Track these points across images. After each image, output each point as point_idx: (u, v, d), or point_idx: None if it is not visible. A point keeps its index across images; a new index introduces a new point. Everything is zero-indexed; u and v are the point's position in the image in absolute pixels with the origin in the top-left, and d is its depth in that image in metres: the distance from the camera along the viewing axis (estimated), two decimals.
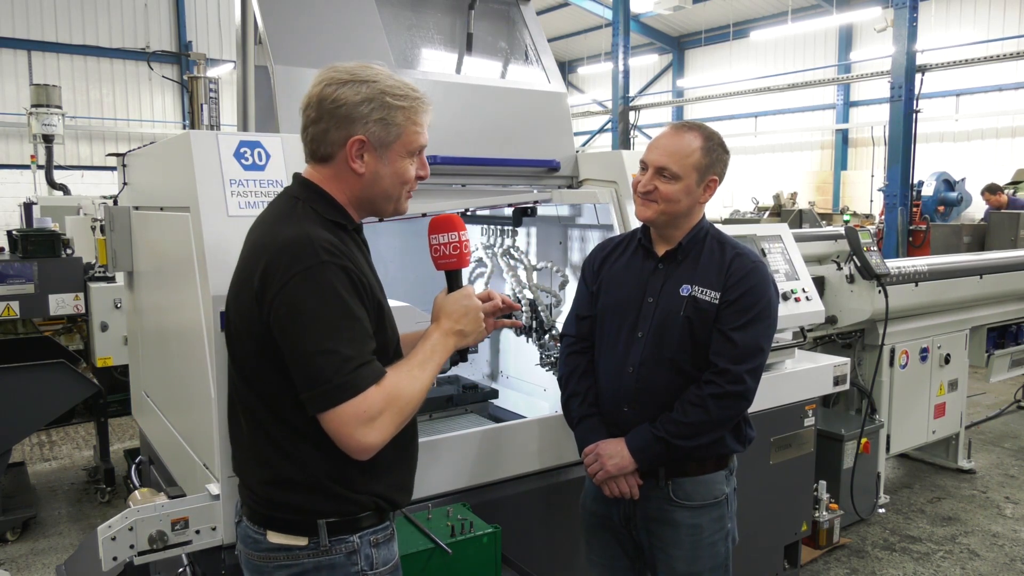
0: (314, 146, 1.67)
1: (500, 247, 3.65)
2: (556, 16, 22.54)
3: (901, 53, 9.75)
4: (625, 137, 16.63)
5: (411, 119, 1.66)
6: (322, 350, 1.49)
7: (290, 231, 1.56)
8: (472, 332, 1.76)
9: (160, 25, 21.49)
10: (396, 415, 1.56)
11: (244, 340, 1.62)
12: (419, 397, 1.62)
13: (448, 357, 1.73)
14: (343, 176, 1.66)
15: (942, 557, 4.21)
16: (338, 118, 1.61)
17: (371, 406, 1.51)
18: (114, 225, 3.14)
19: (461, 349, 1.78)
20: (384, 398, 1.53)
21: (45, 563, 4.18)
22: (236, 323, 1.64)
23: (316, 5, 2.94)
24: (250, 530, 1.69)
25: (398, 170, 1.68)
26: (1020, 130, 16.25)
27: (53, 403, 4.43)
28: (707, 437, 2.16)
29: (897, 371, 4.67)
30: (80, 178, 17.45)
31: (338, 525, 1.64)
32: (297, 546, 1.63)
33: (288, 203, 1.66)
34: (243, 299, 1.60)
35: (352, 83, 1.62)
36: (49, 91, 11.06)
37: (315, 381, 1.50)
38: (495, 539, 2.24)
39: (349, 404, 1.49)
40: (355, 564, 1.65)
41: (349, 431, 1.51)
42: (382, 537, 1.71)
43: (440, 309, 1.77)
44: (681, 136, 2.20)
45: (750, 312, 2.16)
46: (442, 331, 1.72)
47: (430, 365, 1.66)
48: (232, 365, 1.69)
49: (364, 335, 1.55)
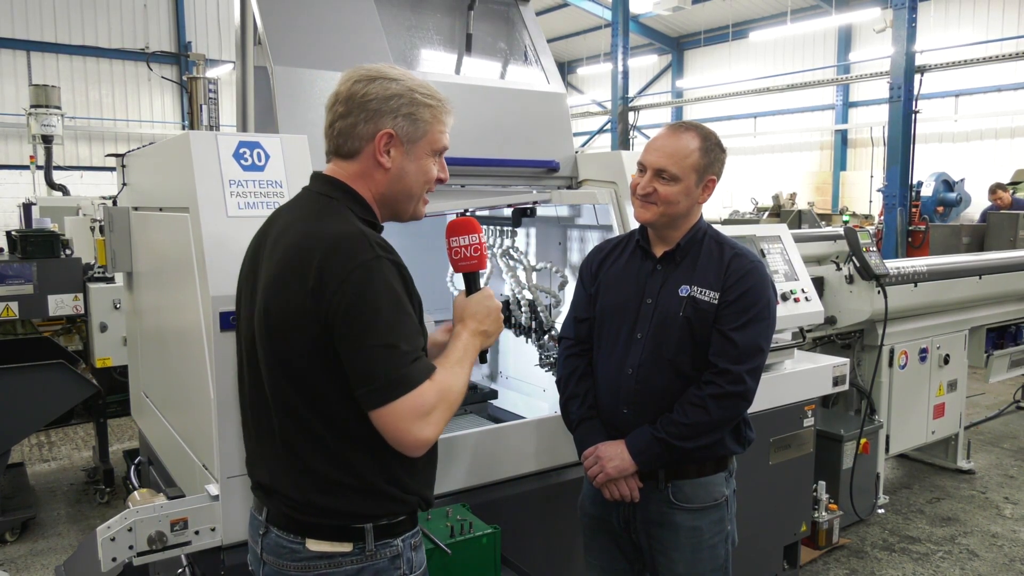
0: (340, 140, 1.66)
1: (499, 247, 3.65)
2: (555, 17, 22.53)
3: (900, 54, 9.76)
4: (624, 138, 16.64)
5: (437, 118, 1.69)
6: (382, 344, 1.49)
7: (340, 227, 1.56)
8: (495, 332, 1.78)
9: (159, 26, 21.48)
10: (447, 410, 1.56)
11: (292, 339, 1.55)
12: (463, 393, 1.63)
13: (474, 362, 1.74)
14: (369, 172, 1.66)
15: (941, 558, 4.21)
16: (368, 112, 1.62)
17: (426, 400, 1.51)
18: (113, 226, 3.14)
19: (483, 349, 1.80)
20: (437, 392, 1.53)
21: (44, 564, 4.18)
22: (280, 321, 1.57)
23: (315, 6, 2.94)
24: (283, 540, 1.62)
25: (423, 167, 1.69)
26: (1019, 130, 16.26)
27: (52, 404, 4.43)
28: (707, 438, 2.15)
29: (896, 371, 4.67)
30: (79, 179, 17.46)
31: (383, 529, 1.62)
32: (340, 553, 1.59)
33: (322, 201, 1.64)
34: (291, 296, 1.54)
35: (381, 80, 1.64)
36: (48, 91, 11.06)
37: (373, 376, 1.49)
38: (494, 540, 2.24)
39: (406, 398, 1.49)
40: (398, 568, 1.64)
41: (406, 426, 1.49)
42: (417, 541, 1.71)
43: (463, 310, 1.77)
44: (679, 137, 2.19)
45: (749, 312, 2.16)
46: (470, 331, 1.73)
47: (466, 363, 1.68)
48: (271, 367, 1.60)
49: (416, 330, 1.56)
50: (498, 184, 3.27)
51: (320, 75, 2.78)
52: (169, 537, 2.01)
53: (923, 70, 10.22)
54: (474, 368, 1.74)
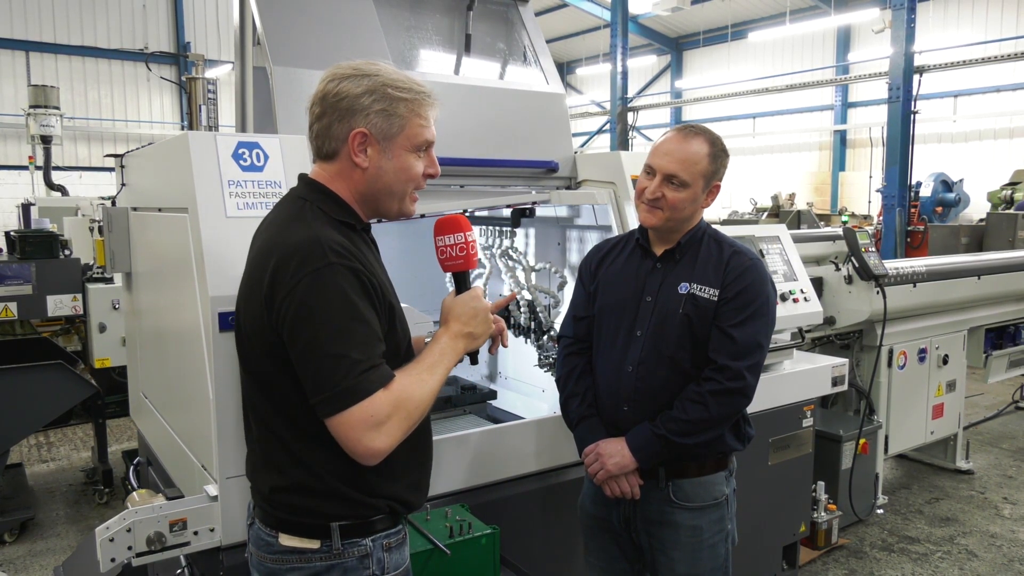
0: (319, 143, 1.66)
1: (499, 248, 3.65)
2: (554, 17, 22.54)
3: (899, 54, 9.77)
4: (624, 138, 16.66)
5: (415, 111, 1.64)
6: (330, 354, 1.47)
7: (299, 233, 1.55)
8: (482, 334, 1.74)
9: (158, 26, 21.48)
10: (404, 420, 1.53)
11: (256, 344, 1.60)
12: (428, 401, 1.60)
13: (458, 361, 1.70)
14: (347, 172, 1.65)
15: (940, 558, 4.21)
16: (340, 111, 1.61)
17: (378, 411, 1.49)
18: (112, 226, 3.14)
19: (471, 352, 1.76)
20: (392, 402, 1.51)
21: (43, 564, 4.17)
22: (247, 327, 1.62)
23: (314, 6, 2.94)
24: (262, 532, 1.67)
25: (403, 165, 1.65)
26: (1018, 131, 16.27)
27: (51, 404, 4.43)
28: (707, 434, 2.16)
29: (895, 372, 4.67)
30: (78, 179, 17.48)
31: (351, 528, 1.63)
32: (309, 549, 1.62)
33: (295, 204, 1.65)
34: (253, 303, 1.59)
35: (354, 77, 1.62)
36: (47, 92, 11.07)
37: (322, 386, 1.48)
38: (494, 540, 2.24)
39: (356, 408, 1.47)
40: (367, 568, 1.64)
41: (357, 436, 1.48)
42: (394, 541, 1.70)
43: (448, 312, 1.73)
44: (689, 142, 2.18)
45: (748, 308, 2.16)
46: (451, 334, 1.70)
47: (439, 369, 1.63)
48: (244, 370, 1.68)
49: (373, 338, 1.53)
50: (497, 184, 3.27)
51: (319, 76, 2.74)
52: (168, 538, 2.01)
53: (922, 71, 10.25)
54: (473, 368, 1.74)
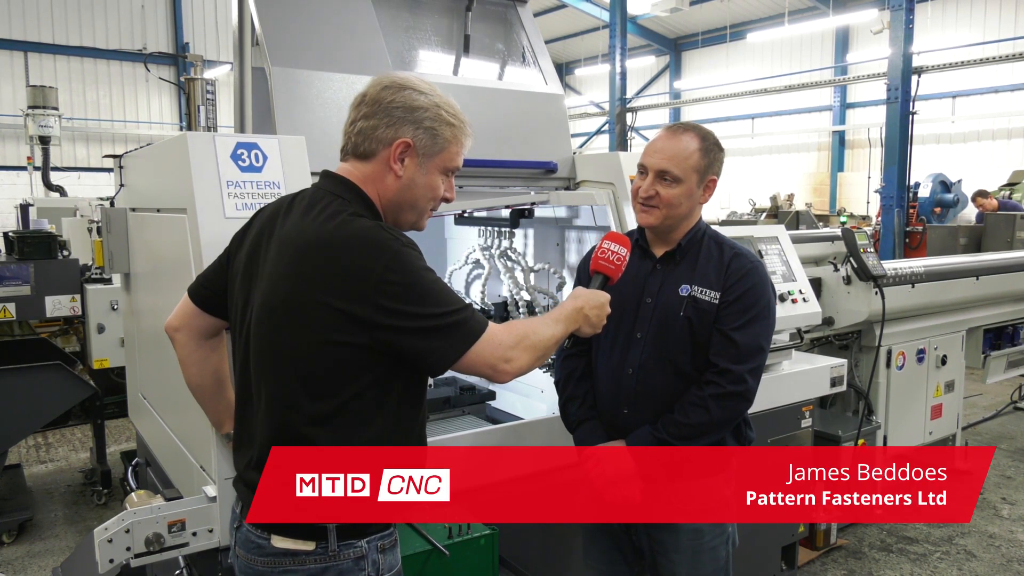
0: (359, 139, 1.69)
1: (497, 248, 3.65)
2: (553, 18, 22.55)
3: (897, 55, 9.77)
4: (622, 139, 16.66)
5: (456, 138, 1.73)
6: (442, 311, 1.57)
7: (357, 225, 1.59)
8: (595, 325, 1.87)
9: (157, 26, 21.46)
10: (528, 349, 1.66)
11: (300, 335, 1.58)
12: (547, 340, 1.73)
13: (568, 333, 1.81)
14: (380, 176, 1.69)
15: (939, 558, 4.21)
16: (392, 118, 1.66)
17: (504, 339, 1.63)
18: (111, 227, 3.14)
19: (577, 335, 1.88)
20: (514, 333, 1.66)
21: (41, 565, 4.17)
22: (282, 316, 1.59)
23: (313, 7, 2.94)
24: (252, 535, 1.65)
25: (432, 183, 1.73)
26: (1016, 132, 16.30)
27: (50, 405, 4.42)
28: (708, 438, 2.15)
29: (894, 372, 4.67)
30: (77, 179, 17.43)
31: (348, 530, 1.62)
32: (304, 551, 1.61)
33: (333, 201, 1.65)
34: (307, 293, 1.56)
35: (410, 91, 1.68)
36: (46, 92, 11.06)
37: (447, 334, 1.57)
38: (492, 541, 2.24)
39: (483, 340, 1.60)
40: (363, 570, 1.64)
41: (492, 362, 1.61)
42: (388, 542, 1.70)
43: (582, 294, 1.88)
44: (678, 138, 2.19)
45: (750, 312, 2.16)
46: (577, 307, 1.83)
47: (560, 325, 1.78)
48: (264, 362, 1.64)
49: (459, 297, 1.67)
50: (496, 185, 3.27)
51: (318, 76, 2.78)
52: (167, 539, 2.01)
53: (920, 71, 10.25)
54: None
